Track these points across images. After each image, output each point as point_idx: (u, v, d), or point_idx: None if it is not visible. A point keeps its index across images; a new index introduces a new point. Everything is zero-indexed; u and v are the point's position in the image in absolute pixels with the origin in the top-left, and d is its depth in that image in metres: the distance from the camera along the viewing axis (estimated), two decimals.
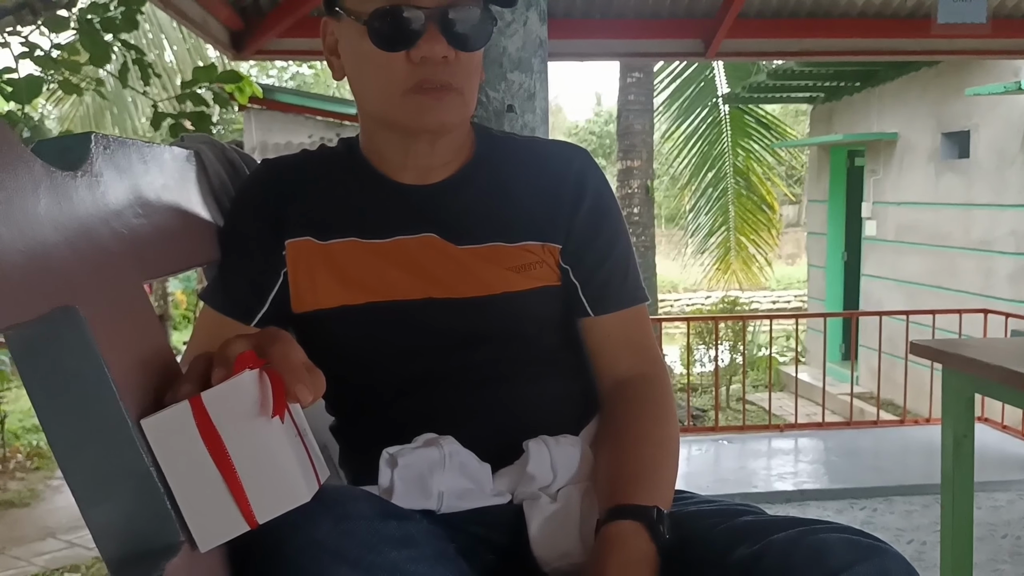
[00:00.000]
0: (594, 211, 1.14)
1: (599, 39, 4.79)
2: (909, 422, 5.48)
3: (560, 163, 1.16)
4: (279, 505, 0.74)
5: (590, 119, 30.96)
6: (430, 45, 0.99)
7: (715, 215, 10.90)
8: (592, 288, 1.13)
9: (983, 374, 2.20)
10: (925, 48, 5.12)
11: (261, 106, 7.41)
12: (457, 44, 1.01)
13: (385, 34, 1.01)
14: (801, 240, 17.46)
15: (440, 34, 1.00)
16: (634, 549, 0.91)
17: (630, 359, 1.14)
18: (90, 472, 0.71)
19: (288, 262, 1.10)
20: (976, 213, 7.28)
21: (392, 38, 1.01)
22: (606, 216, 1.15)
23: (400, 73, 1.02)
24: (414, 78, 1.02)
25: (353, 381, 1.10)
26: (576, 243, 1.12)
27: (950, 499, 2.41)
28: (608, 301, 1.14)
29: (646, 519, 0.93)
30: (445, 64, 1.01)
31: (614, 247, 1.15)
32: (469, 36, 1.02)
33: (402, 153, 1.10)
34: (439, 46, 1.00)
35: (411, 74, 1.01)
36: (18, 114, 4.01)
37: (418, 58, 1.00)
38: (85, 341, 0.68)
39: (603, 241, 1.14)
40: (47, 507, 5.47)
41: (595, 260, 1.13)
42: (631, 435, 1.06)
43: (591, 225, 1.13)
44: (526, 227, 1.11)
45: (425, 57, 1.00)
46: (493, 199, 1.12)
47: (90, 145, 0.79)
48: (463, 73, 1.03)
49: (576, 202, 1.13)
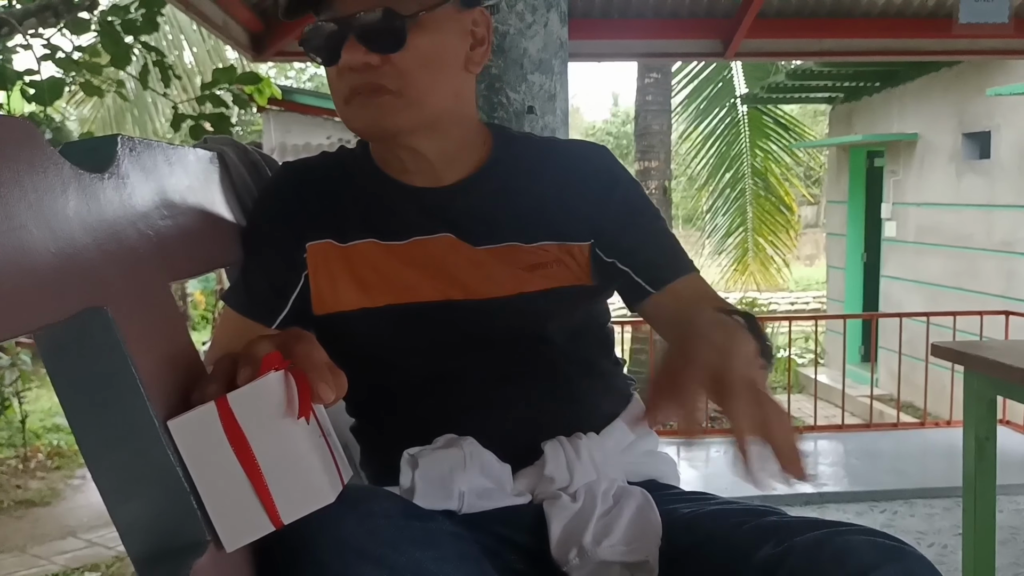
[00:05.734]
0: (626, 201, 1.15)
1: (618, 39, 4.78)
2: (930, 424, 5.44)
3: (581, 161, 1.16)
4: (304, 505, 0.74)
5: (607, 120, 30.90)
6: (349, 55, 1.02)
7: (733, 216, 10.86)
8: (644, 267, 1.12)
9: (1005, 376, 2.18)
10: (946, 48, 5.08)
11: (280, 107, 7.42)
12: (374, 48, 1.02)
13: (317, 51, 1.05)
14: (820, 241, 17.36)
15: (357, 42, 1.01)
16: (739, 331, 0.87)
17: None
18: (118, 471, 0.72)
19: (309, 264, 1.11)
20: (997, 214, 7.21)
21: (322, 53, 1.05)
22: (639, 202, 1.17)
23: (338, 83, 1.06)
24: (347, 86, 1.04)
25: (373, 382, 1.10)
26: (613, 234, 1.12)
27: (972, 502, 2.39)
28: (666, 271, 1.13)
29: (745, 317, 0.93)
30: (372, 69, 1.02)
31: (655, 227, 1.16)
32: (382, 39, 1.02)
33: (395, 159, 1.12)
34: (357, 54, 1.01)
35: (345, 83, 1.04)
36: (40, 116, 4.05)
37: (344, 68, 1.03)
38: (114, 342, 0.68)
39: (642, 225, 1.15)
40: (68, 506, 5.51)
41: (639, 243, 1.13)
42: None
43: (626, 214, 1.14)
44: (544, 227, 1.11)
45: (346, 66, 1.02)
46: (510, 199, 1.12)
47: (116, 147, 0.79)
48: (396, 74, 1.03)
49: (605, 196, 1.13)
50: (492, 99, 1.79)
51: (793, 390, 7.83)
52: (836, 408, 6.28)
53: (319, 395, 0.74)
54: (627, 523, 1.00)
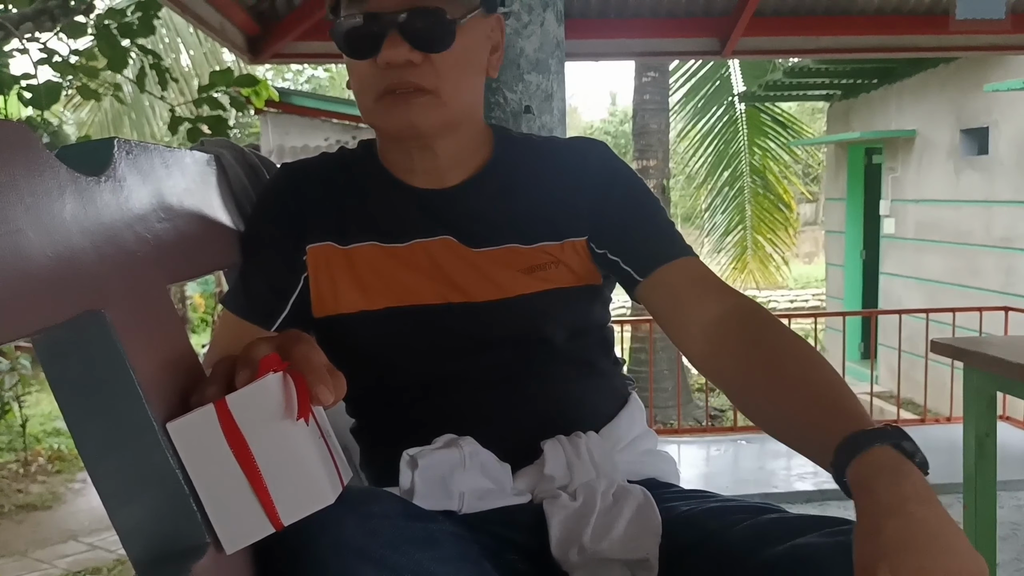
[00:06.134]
0: (625, 193, 1.14)
1: (615, 38, 4.77)
2: (930, 421, 5.45)
3: (579, 156, 1.16)
4: (304, 507, 0.74)
5: (605, 119, 30.90)
6: (392, 50, 1.01)
7: (731, 214, 10.86)
8: (635, 254, 1.10)
9: (1005, 372, 2.18)
10: (943, 44, 5.07)
11: (277, 109, 7.43)
12: (421, 46, 1.02)
13: (352, 43, 1.04)
14: (819, 239, 17.37)
15: (401, 38, 1.01)
16: (907, 473, 0.75)
17: (715, 295, 1.05)
18: (117, 475, 0.72)
19: (309, 267, 1.11)
20: (996, 210, 7.22)
21: (358, 46, 1.03)
22: (638, 195, 1.16)
23: (371, 79, 1.04)
24: (383, 83, 1.03)
25: (373, 383, 1.11)
26: (610, 228, 1.11)
27: (973, 498, 2.40)
28: (658, 257, 1.09)
29: (890, 439, 0.78)
30: (412, 67, 1.02)
31: (652, 217, 1.14)
32: (432, 38, 1.02)
33: (407, 158, 1.11)
34: (401, 50, 1.01)
35: (380, 79, 1.03)
36: (37, 120, 4.05)
37: (383, 63, 1.02)
38: (112, 346, 0.68)
39: (638, 216, 1.13)
40: (69, 510, 5.51)
41: (629, 232, 1.11)
42: (798, 358, 0.95)
43: (626, 208, 1.13)
44: (544, 227, 1.11)
45: (389, 62, 1.02)
46: (510, 201, 1.13)
47: (113, 150, 0.79)
48: (434, 74, 1.03)
49: (604, 190, 1.13)
50: (489, 99, 1.79)
51: None
52: None
53: (318, 397, 0.74)
54: (627, 522, 1.00)
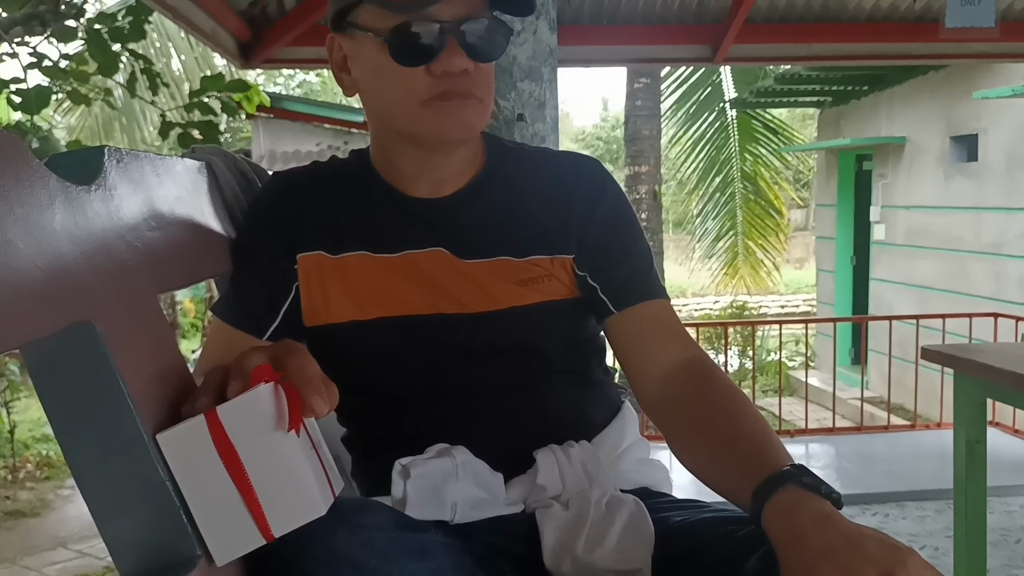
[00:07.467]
0: (609, 217, 1.14)
1: (607, 45, 4.78)
2: (920, 427, 5.45)
3: (570, 173, 1.16)
4: (295, 518, 0.74)
5: (597, 124, 30.96)
6: (450, 59, 1.00)
7: (723, 220, 10.89)
8: (613, 286, 1.11)
9: (995, 379, 2.19)
10: (933, 52, 5.09)
11: (269, 115, 7.42)
12: (476, 56, 1.02)
13: (406, 50, 1.01)
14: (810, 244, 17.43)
15: (459, 47, 1.01)
16: (814, 508, 0.88)
17: (676, 345, 1.09)
18: (107, 487, 0.71)
19: (300, 276, 1.10)
20: (986, 216, 7.25)
21: (413, 53, 1.01)
22: (622, 220, 1.15)
23: (420, 85, 1.02)
24: (435, 90, 1.02)
25: (365, 393, 1.10)
26: (591, 248, 1.12)
27: (963, 504, 2.40)
28: (633, 294, 1.11)
29: (792, 480, 0.89)
30: (465, 75, 1.02)
31: (633, 247, 1.14)
32: (487, 48, 1.03)
33: (417, 165, 1.11)
34: (459, 59, 1.01)
35: (432, 86, 1.02)
36: (27, 125, 4.03)
37: (439, 71, 1.01)
38: (102, 357, 0.68)
39: (621, 243, 1.13)
40: (58, 517, 5.48)
41: (614, 260, 1.12)
42: (728, 413, 0.99)
43: (607, 230, 1.13)
44: (535, 241, 1.11)
45: (446, 71, 1.01)
46: (503, 212, 1.12)
47: (103, 158, 0.79)
48: (483, 82, 1.05)
49: (589, 209, 1.13)
50: None
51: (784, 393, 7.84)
52: (827, 411, 6.29)
53: (312, 407, 0.74)
54: (620, 531, 0.99)
